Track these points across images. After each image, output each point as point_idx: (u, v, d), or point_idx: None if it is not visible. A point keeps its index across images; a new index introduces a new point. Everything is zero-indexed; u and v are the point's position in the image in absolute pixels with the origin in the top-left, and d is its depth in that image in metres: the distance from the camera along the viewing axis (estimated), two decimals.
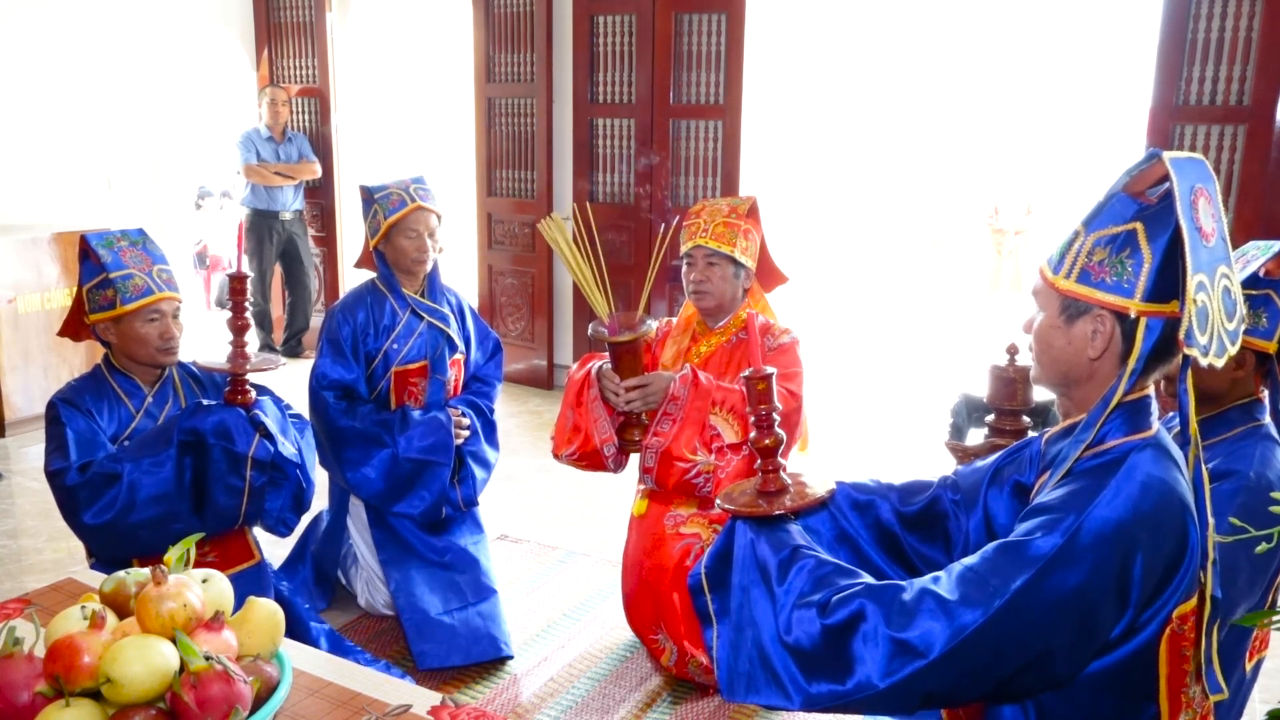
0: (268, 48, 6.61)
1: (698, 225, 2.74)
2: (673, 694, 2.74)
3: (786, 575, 1.43)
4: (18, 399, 4.85)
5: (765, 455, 1.57)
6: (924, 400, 5.50)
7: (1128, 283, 1.31)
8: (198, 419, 2.28)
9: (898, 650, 1.28)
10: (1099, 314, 1.34)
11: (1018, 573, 1.26)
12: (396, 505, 2.95)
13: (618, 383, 2.59)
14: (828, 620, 1.34)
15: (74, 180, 5.78)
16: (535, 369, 5.85)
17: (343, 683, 1.52)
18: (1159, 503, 1.29)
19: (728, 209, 2.75)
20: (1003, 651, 1.27)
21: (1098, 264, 1.33)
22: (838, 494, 1.64)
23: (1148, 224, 1.30)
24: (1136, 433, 1.36)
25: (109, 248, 2.34)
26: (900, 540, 1.63)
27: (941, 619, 1.27)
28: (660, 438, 2.59)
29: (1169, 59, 4.07)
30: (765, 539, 1.50)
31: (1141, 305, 1.31)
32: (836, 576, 1.40)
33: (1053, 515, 1.30)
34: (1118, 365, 1.36)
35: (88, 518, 2.22)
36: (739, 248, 2.71)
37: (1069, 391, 1.44)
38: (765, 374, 1.55)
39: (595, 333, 2.57)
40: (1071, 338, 1.38)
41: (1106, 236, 1.33)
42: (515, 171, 5.79)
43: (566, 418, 2.76)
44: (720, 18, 4.98)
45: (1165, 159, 1.27)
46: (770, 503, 1.53)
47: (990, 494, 1.58)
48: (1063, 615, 1.26)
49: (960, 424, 2.70)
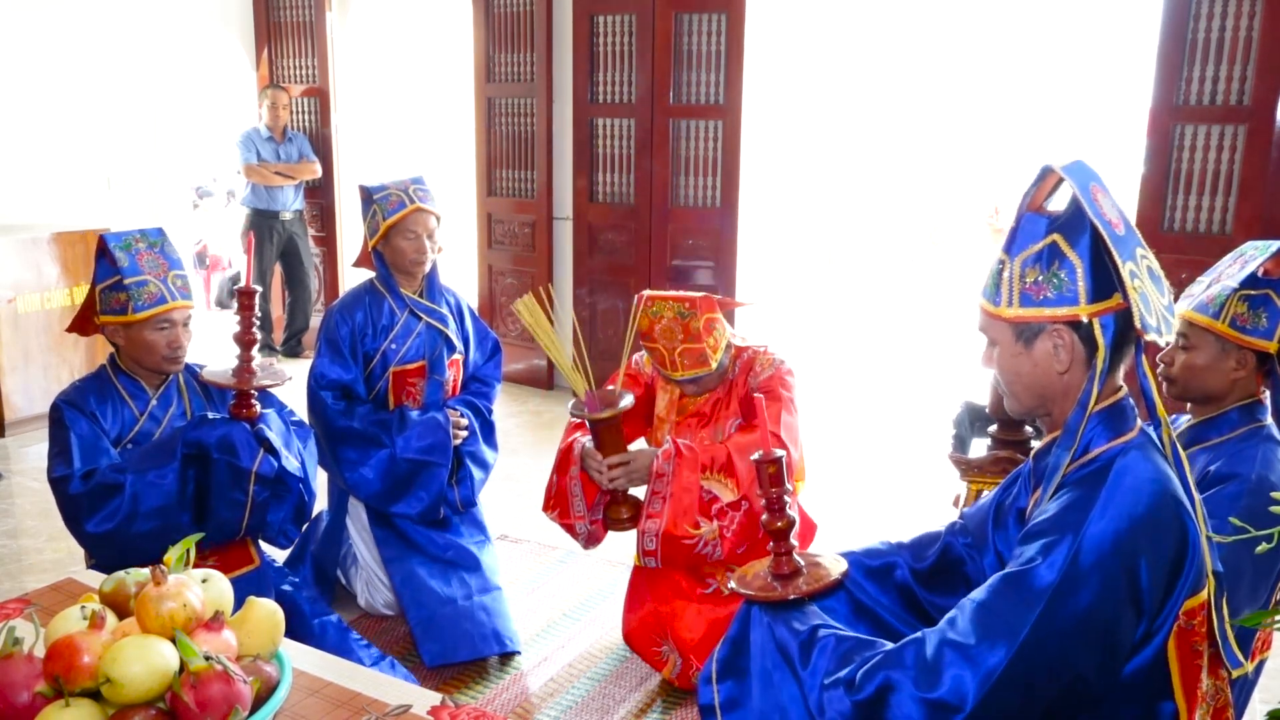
0: (268, 48, 6.61)
1: (661, 356, 2.59)
2: (672, 695, 2.74)
3: (810, 656, 1.42)
4: (18, 399, 4.85)
5: (778, 538, 1.56)
6: (925, 407, 5.48)
7: (1069, 291, 1.34)
8: (203, 432, 2.28)
9: (934, 711, 1.27)
10: (1054, 329, 1.37)
11: (1029, 607, 1.26)
12: (394, 506, 2.95)
13: (601, 461, 2.50)
14: (857, 696, 1.33)
15: (74, 180, 5.77)
16: (535, 369, 5.85)
17: (343, 683, 1.52)
18: (1152, 503, 1.29)
19: (682, 334, 2.54)
20: (1034, 685, 1.26)
21: (1033, 284, 1.36)
22: (850, 565, 1.62)
23: (1064, 232, 1.34)
24: (1119, 436, 1.37)
25: (126, 250, 2.33)
26: (919, 597, 1.63)
27: (967, 668, 1.26)
28: (655, 519, 2.49)
29: (1169, 59, 4.07)
30: (783, 622, 1.50)
31: (1089, 308, 1.33)
32: (858, 650, 1.39)
33: (1049, 538, 1.30)
34: (1085, 371, 1.37)
35: (90, 526, 2.22)
36: (712, 355, 2.57)
37: (1049, 410, 1.45)
38: (775, 457, 1.55)
39: (575, 412, 2.49)
40: (1036, 359, 1.40)
41: (1031, 256, 1.36)
42: (515, 171, 5.79)
43: (553, 482, 2.71)
44: (720, 18, 4.98)
45: (1057, 169, 1.33)
46: (785, 586, 1.52)
47: (996, 536, 1.58)
48: (1084, 638, 1.26)
49: (963, 435, 2.68)
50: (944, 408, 3.23)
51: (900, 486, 4.39)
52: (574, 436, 2.67)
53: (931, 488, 4.10)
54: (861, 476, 4.48)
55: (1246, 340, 1.85)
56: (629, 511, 2.57)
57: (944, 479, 2.92)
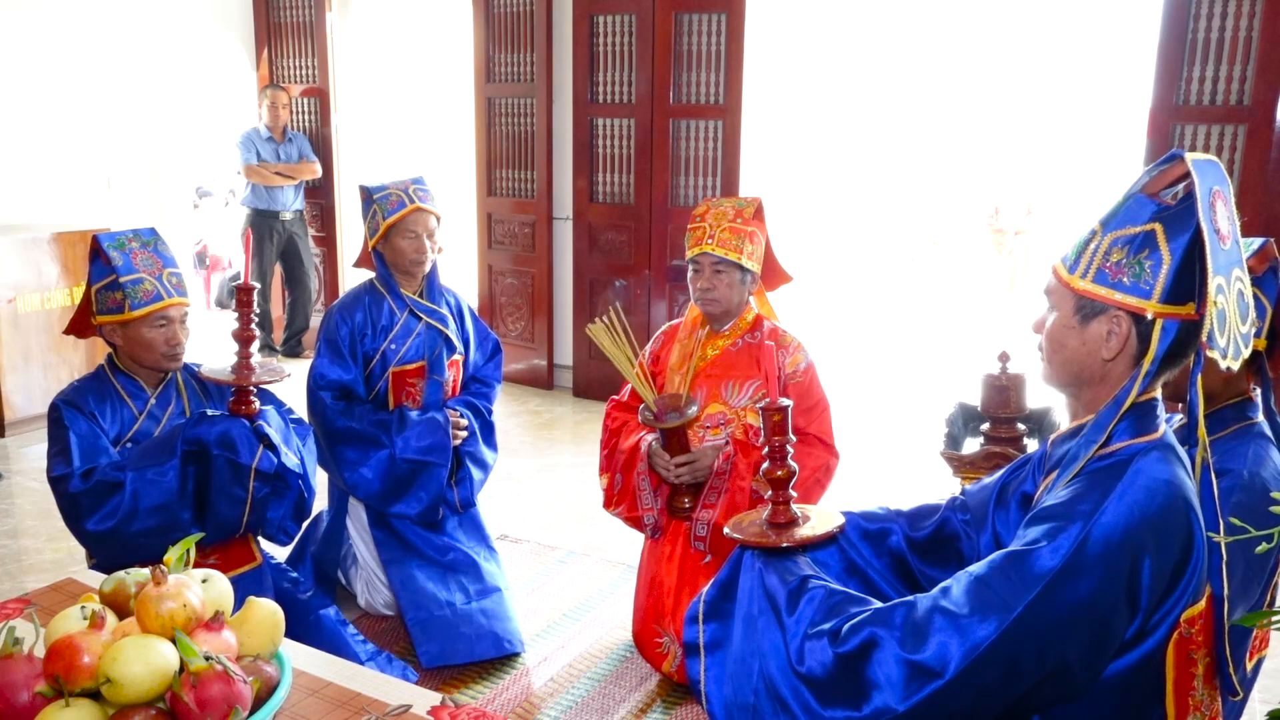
0: (268, 48, 6.61)
1: (703, 230, 2.73)
2: (672, 694, 2.74)
3: (796, 605, 1.42)
4: (18, 399, 4.85)
5: (777, 486, 1.56)
6: (922, 405, 5.49)
7: (1145, 284, 1.30)
8: (202, 429, 2.28)
9: (914, 673, 1.27)
10: (1115, 314, 1.33)
11: (1027, 587, 1.26)
12: (394, 506, 2.95)
13: (668, 460, 2.68)
14: (840, 649, 1.33)
15: (74, 180, 5.77)
16: (535, 369, 5.85)
17: (343, 683, 1.52)
18: (1164, 505, 1.29)
19: (733, 212, 2.73)
20: (1018, 666, 1.26)
21: (1115, 264, 1.32)
22: (846, 525, 1.63)
23: (1167, 225, 1.29)
24: (1143, 435, 1.35)
25: (120, 249, 2.34)
26: (911, 566, 1.63)
27: (955, 636, 1.26)
28: (710, 509, 2.67)
29: (1169, 59, 4.07)
30: (774, 569, 1.49)
31: (1159, 307, 1.30)
32: (847, 605, 1.39)
33: (1057, 522, 1.29)
34: (1130, 367, 1.35)
35: (90, 525, 2.22)
36: (746, 253, 2.70)
37: (1079, 392, 1.42)
38: (781, 406, 1.55)
39: (645, 419, 2.72)
40: (1086, 338, 1.37)
41: (1125, 237, 1.32)
42: (515, 171, 5.79)
43: (616, 481, 2.85)
44: (720, 17, 4.98)
45: (1187, 160, 1.27)
46: (780, 534, 1.52)
47: (997, 515, 1.57)
48: (1075, 627, 1.26)
49: (956, 434, 2.69)
50: (940, 406, 3.23)
51: (894, 484, 4.39)
52: (638, 435, 2.81)
53: (925, 486, 4.10)
54: (857, 473, 4.48)
55: None
56: (691, 501, 2.72)
57: (938, 478, 2.92)
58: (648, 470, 2.77)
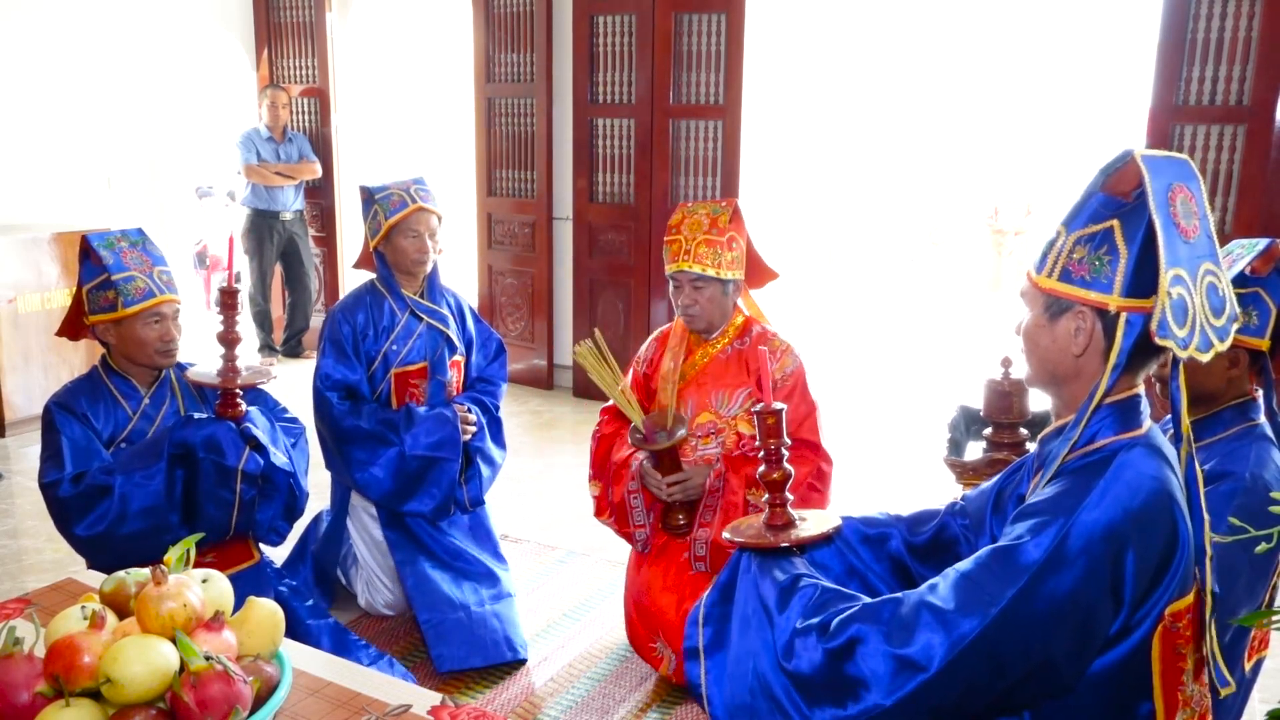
0: (268, 48, 6.62)
1: (679, 244, 2.69)
2: (672, 694, 2.74)
3: (787, 603, 1.44)
4: (18, 399, 4.85)
5: (773, 489, 1.57)
6: (923, 409, 5.48)
7: (1106, 279, 1.33)
8: (188, 432, 2.29)
9: (900, 667, 1.29)
10: (1080, 311, 1.36)
11: (1011, 581, 1.27)
12: (406, 504, 2.93)
13: (661, 479, 2.69)
14: (829, 644, 1.34)
15: (74, 180, 5.78)
16: (535, 369, 5.85)
17: (343, 683, 1.52)
18: (1147, 500, 1.30)
19: (708, 221, 2.68)
20: (1003, 659, 1.28)
21: (1077, 262, 1.36)
22: (845, 529, 1.64)
23: (1124, 221, 1.33)
24: (1127, 431, 1.37)
25: (110, 248, 2.34)
26: (911, 570, 1.64)
27: (939, 631, 1.28)
28: (706, 528, 2.68)
29: (1169, 59, 4.07)
30: (769, 569, 1.51)
31: (1120, 300, 1.32)
32: (836, 600, 1.40)
33: (1041, 518, 1.31)
34: (1102, 362, 1.37)
35: (80, 530, 2.23)
36: (725, 263, 2.67)
37: (1058, 390, 1.45)
38: (775, 409, 1.56)
39: (635, 440, 2.72)
40: (1056, 335, 1.40)
41: (1085, 235, 1.36)
42: (515, 171, 5.79)
43: (607, 493, 2.85)
44: (720, 18, 4.98)
45: (1137, 157, 1.30)
46: (777, 536, 1.54)
47: (994, 519, 1.58)
48: (1060, 621, 1.27)
49: (959, 439, 2.69)
50: (941, 409, 3.23)
51: (896, 489, 4.39)
52: (629, 451, 2.80)
53: (927, 491, 4.10)
54: (857, 478, 4.48)
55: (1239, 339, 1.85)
56: (685, 517, 2.74)
57: (940, 483, 2.92)
58: (640, 489, 2.77)
